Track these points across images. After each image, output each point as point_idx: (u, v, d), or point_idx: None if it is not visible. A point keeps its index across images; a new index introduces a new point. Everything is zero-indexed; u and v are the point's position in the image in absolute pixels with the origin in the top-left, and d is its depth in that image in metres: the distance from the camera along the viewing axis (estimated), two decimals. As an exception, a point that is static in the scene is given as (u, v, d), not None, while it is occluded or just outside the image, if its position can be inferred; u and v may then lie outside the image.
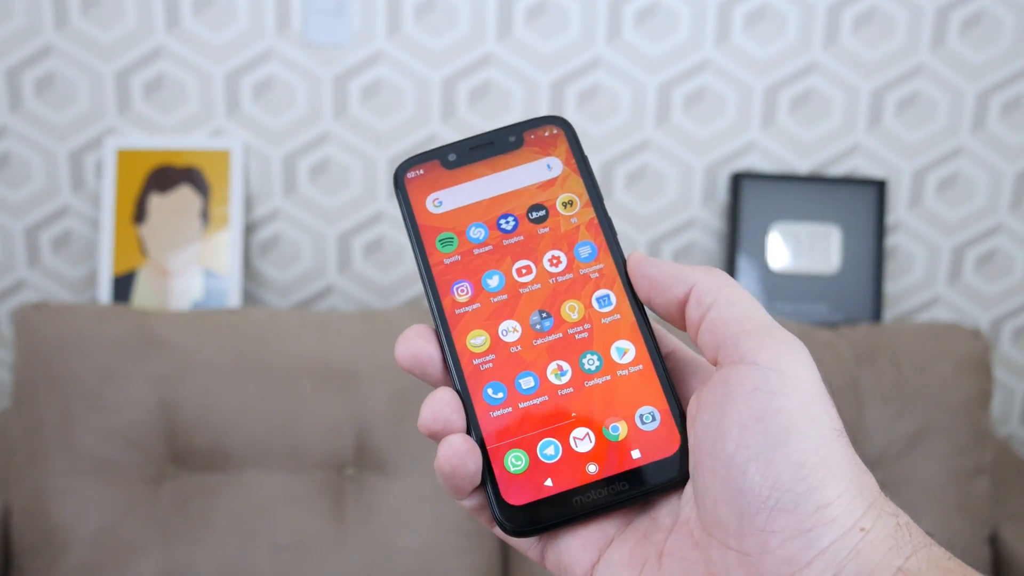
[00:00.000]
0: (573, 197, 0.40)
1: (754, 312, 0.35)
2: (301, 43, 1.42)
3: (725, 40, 1.46)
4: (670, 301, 0.37)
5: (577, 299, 0.39)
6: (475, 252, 0.40)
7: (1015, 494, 1.39)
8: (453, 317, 0.39)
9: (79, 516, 1.19)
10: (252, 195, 1.48)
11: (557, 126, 0.42)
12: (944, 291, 1.59)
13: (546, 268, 0.39)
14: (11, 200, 1.46)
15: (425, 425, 0.36)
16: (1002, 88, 1.50)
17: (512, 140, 0.41)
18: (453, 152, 0.41)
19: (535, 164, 0.41)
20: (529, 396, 0.37)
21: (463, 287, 0.39)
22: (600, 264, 0.39)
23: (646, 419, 0.37)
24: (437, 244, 0.40)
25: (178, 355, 1.22)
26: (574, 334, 0.38)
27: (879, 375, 1.31)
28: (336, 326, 1.28)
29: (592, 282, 0.39)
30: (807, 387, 0.33)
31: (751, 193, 1.49)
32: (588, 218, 0.40)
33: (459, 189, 0.41)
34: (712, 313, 0.35)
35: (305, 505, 1.23)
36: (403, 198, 0.41)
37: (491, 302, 0.39)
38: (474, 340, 0.38)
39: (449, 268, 0.39)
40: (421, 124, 1.47)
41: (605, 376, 0.38)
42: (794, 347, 0.34)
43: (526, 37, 1.44)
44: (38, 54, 1.40)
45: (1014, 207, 1.55)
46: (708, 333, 0.35)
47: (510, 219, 0.40)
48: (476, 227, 0.40)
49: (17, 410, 1.22)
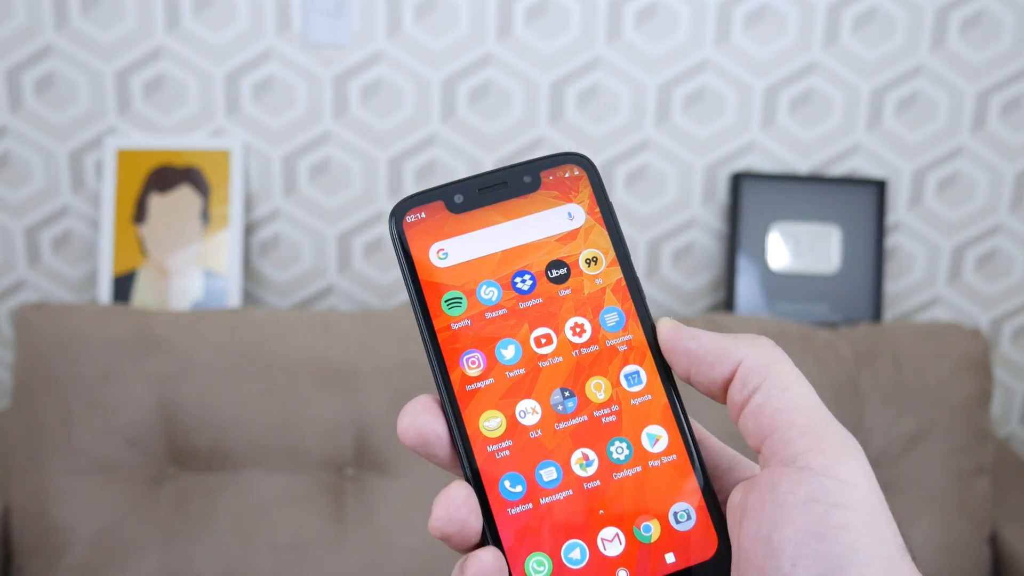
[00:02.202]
0: (598, 254, 0.36)
1: (806, 401, 0.32)
2: (301, 43, 1.42)
3: (725, 40, 1.46)
4: (713, 381, 0.33)
5: (603, 376, 0.34)
6: (487, 316, 0.35)
7: (1015, 494, 1.39)
8: (464, 394, 0.34)
9: (79, 516, 1.19)
10: (252, 195, 1.48)
11: (579, 166, 0.37)
12: (944, 291, 1.59)
13: (568, 338, 0.35)
14: (11, 200, 1.46)
15: (439, 528, 0.32)
16: (1002, 88, 1.50)
17: (528, 181, 0.36)
18: (460, 193, 0.36)
19: (554, 212, 0.36)
20: (552, 490, 0.33)
21: (474, 358, 0.34)
22: (628, 335, 0.35)
23: (681, 517, 0.33)
24: (443, 306, 0.35)
25: (178, 355, 1.22)
26: (600, 417, 0.34)
27: (879, 375, 1.31)
28: (336, 326, 1.28)
29: (620, 355, 0.35)
30: (869, 498, 0.30)
31: (751, 193, 1.49)
32: (614, 279, 0.35)
33: (468, 239, 0.36)
34: (758, 397, 0.32)
35: (305, 505, 1.23)
36: (402, 246, 0.35)
37: (506, 377, 0.34)
38: (488, 423, 0.34)
39: (458, 335, 0.34)
40: (421, 124, 1.47)
41: (635, 467, 0.33)
42: (851, 449, 0.31)
43: (526, 37, 1.44)
44: (38, 54, 1.40)
45: (1014, 207, 1.55)
46: (753, 419, 0.32)
47: (527, 277, 0.35)
48: (488, 286, 0.35)
49: (17, 410, 1.22)
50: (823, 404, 0.32)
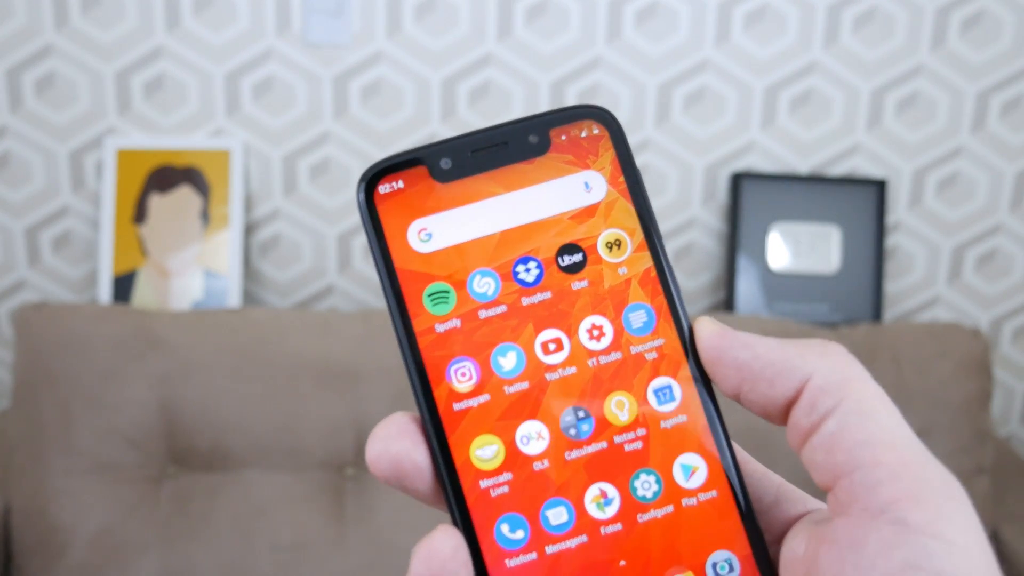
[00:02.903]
0: (622, 236, 0.28)
1: (896, 433, 0.25)
2: (301, 43, 1.42)
3: (725, 40, 1.46)
4: (771, 401, 0.26)
5: (627, 391, 0.28)
6: (481, 315, 0.28)
7: (1015, 494, 1.39)
8: (450, 415, 0.27)
9: (79, 516, 1.19)
10: (252, 195, 1.48)
11: (599, 123, 0.30)
12: (944, 291, 1.59)
13: (583, 343, 0.28)
14: (11, 200, 1.46)
15: None
16: (1002, 88, 1.50)
17: (534, 141, 0.29)
18: (447, 155, 0.29)
19: (568, 180, 0.29)
20: (561, 536, 0.27)
21: (464, 368, 0.28)
22: (659, 339, 0.28)
23: (722, 570, 0.27)
24: (426, 301, 0.28)
25: (178, 355, 1.22)
26: (623, 444, 0.27)
27: (879, 375, 1.31)
28: (336, 326, 1.28)
29: (648, 365, 0.28)
30: (979, 561, 0.24)
31: (751, 193, 1.49)
32: (643, 268, 0.28)
33: (457, 215, 0.28)
34: (832, 425, 0.25)
35: (305, 505, 1.23)
36: (372, 225, 0.28)
37: (505, 393, 0.28)
38: (482, 451, 0.27)
39: (444, 339, 0.28)
40: (421, 124, 1.47)
41: (666, 507, 0.27)
42: (957, 498, 0.24)
43: (526, 37, 1.44)
44: (38, 54, 1.40)
45: (1014, 207, 1.55)
46: (824, 452, 0.25)
47: (532, 265, 0.28)
48: (483, 275, 0.28)
49: (17, 410, 1.22)
50: (915, 435, 0.26)
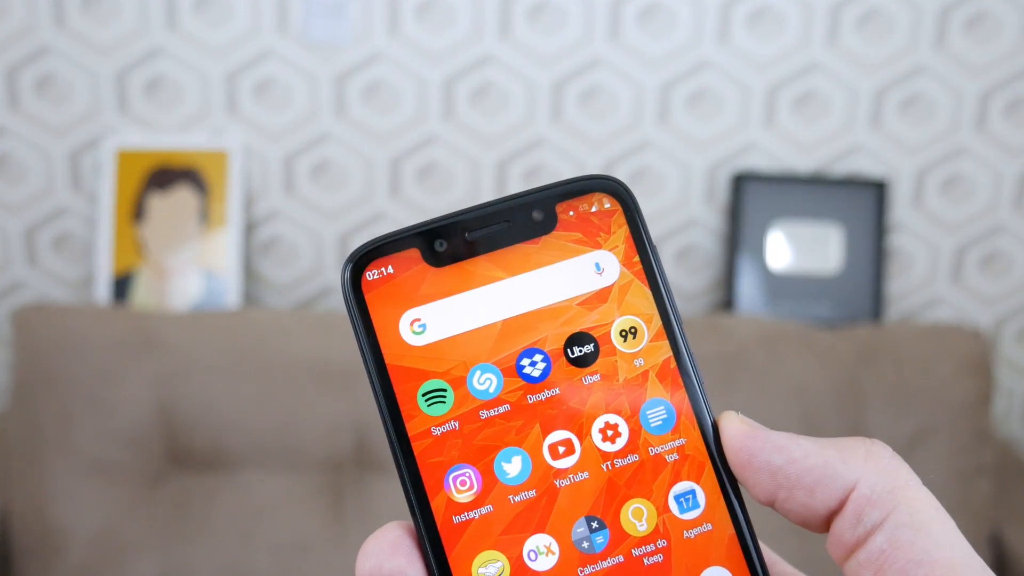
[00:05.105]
0: (638, 323, 0.26)
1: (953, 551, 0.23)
2: (300, 42, 1.42)
3: (725, 39, 1.46)
4: (811, 511, 0.24)
5: (646, 498, 0.25)
6: (482, 415, 0.26)
7: (1016, 494, 1.39)
8: (449, 528, 0.25)
9: (78, 516, 1.19)
10: (251, 195, 1.48)
11: (610, 196, 0.27)
12: (945, 291, 1.58)
13: (596, 445, 0.26)
14: (9, 200, 1.46)
15: None
16: (1004, 87, 1.50)
17: (538, 218, 0.26)
18: (442, 236, 0.26)
19: (576, 262, 0.26)
20: None
21: (464, 476, 0.25)
22: (680, 438, 0.26)
23: None
24: (420, 401, 0.26)
25: (177, 355, 1.22)
26: (642, 557, 0.25)
27: (880, 375, 1.31)
28: (336, 326, 1.28)
29: (669, 468, 0.26)
30: None
31: (752, 193, 1.49)
32: (662, 358, 0.26)
33: (453, 303, 0.26)
34: (882, 540, 0.23)
35: (305, 505, 1.23)
36: (360, 316, 0.26)
37: (510, 503, 0.25)
38: (485, 569, 0.25)
39: (441, 443, 0.26)
40: (421, 123, 1.46)
41: None
42: None
43: (526, 36, 1.44)
44: (36, 53, 1.40)
45: (1016, 207, 1.55)
46: (872, 569, 0.23)
47: (538, 358, 0.26)
48: (483, 371, 0.26)
49: (16, 410, 1.22)
50: (972, 549, 0.23)
